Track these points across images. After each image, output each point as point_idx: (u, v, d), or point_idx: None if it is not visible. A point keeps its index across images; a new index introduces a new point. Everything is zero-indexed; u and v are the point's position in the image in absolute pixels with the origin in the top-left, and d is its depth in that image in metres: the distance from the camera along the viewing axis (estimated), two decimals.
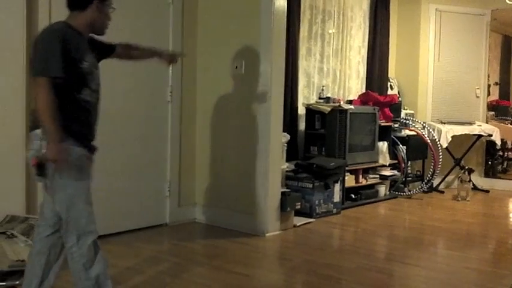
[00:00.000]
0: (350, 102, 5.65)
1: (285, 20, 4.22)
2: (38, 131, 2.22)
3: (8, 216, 3.01)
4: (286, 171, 4.69)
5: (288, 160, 4.76)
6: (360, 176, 5.51)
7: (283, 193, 4.27)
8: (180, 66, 4.33)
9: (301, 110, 5.45)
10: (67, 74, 2.21)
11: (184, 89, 4.41)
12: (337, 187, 4.97)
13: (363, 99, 5.84)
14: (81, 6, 2.34)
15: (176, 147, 4.38)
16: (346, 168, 5.17)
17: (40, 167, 2.17)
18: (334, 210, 4.95)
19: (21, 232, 2.82)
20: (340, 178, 5.03)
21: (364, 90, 6.15)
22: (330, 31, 5.84)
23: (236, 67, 4.24)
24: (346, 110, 5.23)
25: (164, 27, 4.26)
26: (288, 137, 4.64)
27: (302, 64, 5.50)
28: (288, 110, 5.01)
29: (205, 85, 4.46)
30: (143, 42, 4.05)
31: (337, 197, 4.98)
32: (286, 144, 4.59)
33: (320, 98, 5.56)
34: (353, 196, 5.41)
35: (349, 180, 5.33)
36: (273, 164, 4.14)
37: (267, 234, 4.10)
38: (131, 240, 3.90)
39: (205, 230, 4.30)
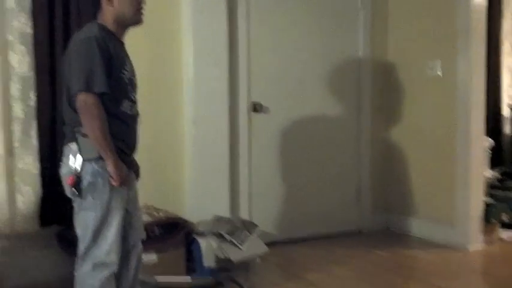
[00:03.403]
0: None
1: (485, 14, 3.91)
2: (73, 146, 2.02)
3: (215, 216, 3.27)
4: (490, 179, 4.32)
5: (492, 167, 4.39)
6: None
7: (486, 203, 3.94)
8: (371, 69, 4.29)
9: (506, 112, 4.98)
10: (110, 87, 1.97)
11: (376, 92, 4.34)
12: None
13: None
14: None
15: (367, 153, 4.32)
16: None
17: (77, 185, 2.00)
18: None
19: (227, 232, 3.04)
20: None
21: None
22: None
23: (431, 68, 4.05)
24: None
25: (354, 32, 4.25)
26: (491, 142, 4.28)
27: (506, 61, 5.03)
28: (490, 112, 4.61)
29: (397, 87, 4.33)
30: (333, 46, 4.14)
31: None
32: (489, 150, 4.24)
33: None
34: None
35: None
36: (475, 171, 3.84)
37: (468, 247, 3.81)
38: (327, 245, 3.94)
39: (399, 239, 4.16)
